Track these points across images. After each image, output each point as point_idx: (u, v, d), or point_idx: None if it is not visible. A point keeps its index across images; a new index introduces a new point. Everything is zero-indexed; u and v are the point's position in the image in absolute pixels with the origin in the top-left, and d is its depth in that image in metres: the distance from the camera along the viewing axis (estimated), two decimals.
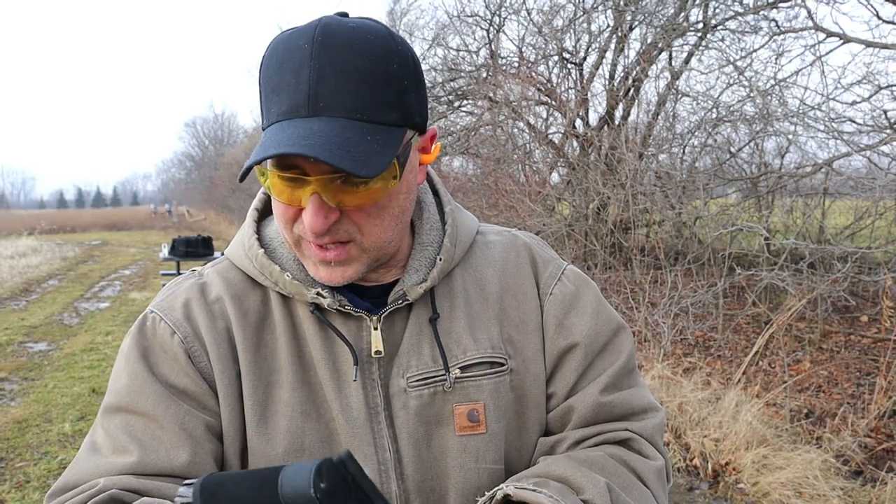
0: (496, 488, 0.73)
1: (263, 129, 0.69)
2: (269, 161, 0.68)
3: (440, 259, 0.80)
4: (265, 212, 0.86)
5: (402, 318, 0.80)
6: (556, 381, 0.84)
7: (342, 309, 0.77)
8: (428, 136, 0.75)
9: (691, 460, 3.72)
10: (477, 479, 0.78)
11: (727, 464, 3.59)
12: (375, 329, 0.78)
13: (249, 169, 0.63)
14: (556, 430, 0.85)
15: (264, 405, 0.77)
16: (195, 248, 8.31)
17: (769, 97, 6.02)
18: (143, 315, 0.81)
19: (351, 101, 0.65)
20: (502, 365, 0.80)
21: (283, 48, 0.67)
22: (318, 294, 0.76)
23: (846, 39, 5.43)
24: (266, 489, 0.48)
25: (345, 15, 0.70)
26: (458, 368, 0.79)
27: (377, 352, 0.78)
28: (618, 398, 0.83)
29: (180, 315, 0.78)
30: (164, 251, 8.69)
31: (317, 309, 0.78)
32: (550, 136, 8.53)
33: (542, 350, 0.84)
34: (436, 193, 0.87)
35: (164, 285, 0.88)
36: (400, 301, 0.78)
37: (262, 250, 0.79)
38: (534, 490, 0.69)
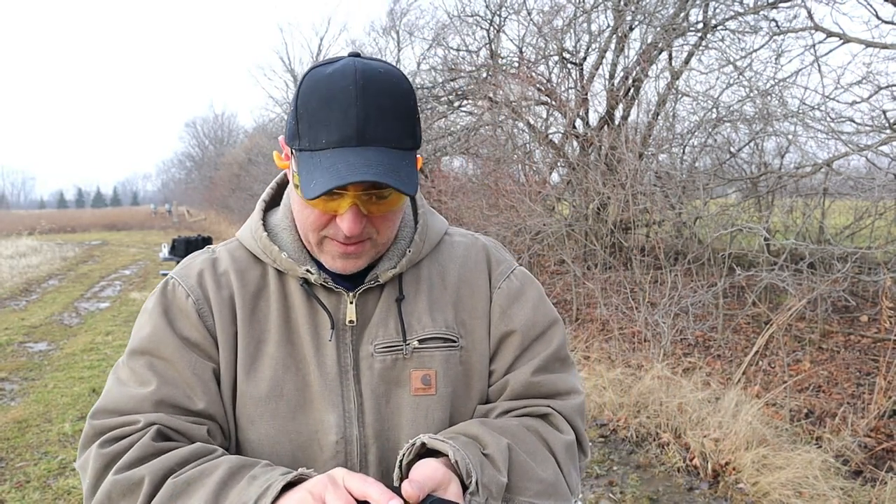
0: (415, 438, 0.87)
1: (302, 150, 0.83)
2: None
3: (409, 251, 0.97)
4: (271, 203, 1.04)
5: (374, 296, 0.97)
6: (497, 360, 1.01)
7: (325, 284, 0.94)
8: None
9: (691, 460, 3.72)
10: (425, 432, 0.92)
11: (727, 464, 3.59)
12: (351, 303, 0.95)
13: (325, 192, 0.78)
14: (493, 401, 1.01)
15: (254, 357, 0.93)
16: (195, 249, 8.28)
17: (769, 97, 6.01)
18: (164, 280, 0.98)
19: (388, 133, 0.81)
20: (454, 342, 0.97)
21: (326, 86, 0.81)
22: (307, 271, 0.93)
23: (846, 39, 5.43)
24: None
25: (357, 55, 0.86)
26: (417, 340, 0.95)
27: (351, 321, 0.94)
28: (546, 379, 0.99)
29: (194, 282, 0.96)
30: (164, 251, 8.69)
31: (305, 283, 0.95)
32: (550, 136, 8.53)
33: (489, 333, 1.00)
34: (412, 198, 1.03)
35: None
36: (373, 282, 0.95)
37: (266, 234, 0.97)
38: (443, 441, 0.84)
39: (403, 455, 0.85)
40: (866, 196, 6.08)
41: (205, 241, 8.42)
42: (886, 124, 5.20)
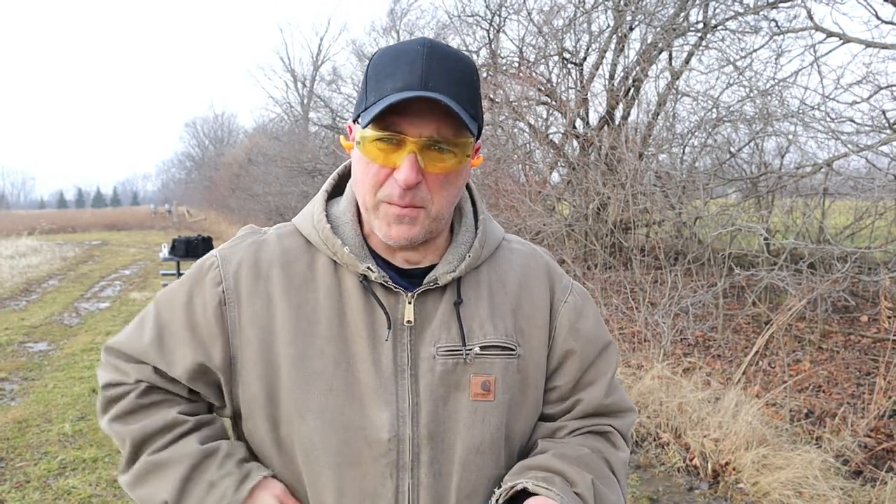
0: (515, 481, 0.92)
1: (368, 108, 0.86)
2: (370, 128, 0.85)
3: (469, 255, 0.98)
4: (333, 194, 1.05)
5: (434, 298, 0.97)
6: (560, 375, 1.03)
7: (385, 283, 0.94)
8: (477, 145, 0.95)
9: (691, 460, 3.72)
10: (480, 436, 0.95)
11: (727, 464, 3.59)
12: (409, 303, 0.95)
13: (377, 115, 0.82)
14: (559, 415, 1.04)
15: (304, 352, 0.94)
16: (195, 249, 8.30)
17: (769, 97, 6.02)
18: (210, 253, 1.01)
19: (450, 89, 0.84)
20: (513, 350, 0.98)
21: (395, 50, 0.87)
22: (368, 268, 0.94)
23: (846, 39, 5.43)
24: None
25: None
26: (479, 347, 0.96)
27: (408, 321, 0.95)
28: (613, 401, 1.04)
29: (231, 271, 0.98)
30: (164, 251, 8.69)
31: (364, 280, 0.95)
32: (550, 136, 8.53)
33: (547, 344, 1.02)
34: (473, 204, 1.06)
35: (164, 286, 1.04)
36: (432, 284, 0.95)
37: (329, 225, 0.97)
38: (547, 489, 0.89)
39: (500, 496, 0.92)
40: (866, 196, 6.08)
41: (205, 242, 8.42)
42: (886, 124, 5.20)
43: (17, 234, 21.32)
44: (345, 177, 1.05)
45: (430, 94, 0.81)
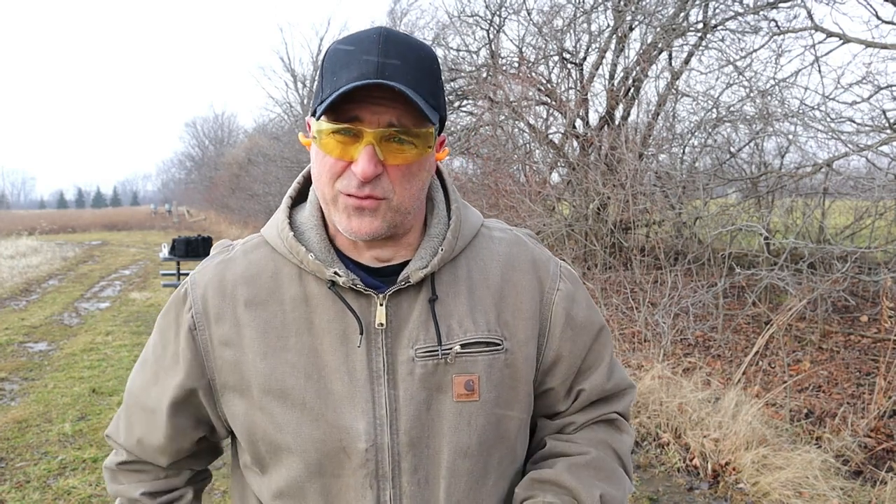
0: (527, 495, 0.93)
1: (324, 101, 0.81)
2: (324, 120, 0.83)
3: (441, 249, 0.93)
4: (297, 200, 1.01)
5: (409, 298, 0.92)
6: (562, 366, 0.99)
7: (354, 286, 0.90)
8: (441, 138, 0.92)
9: (691, 460, 3.72)
10: (468, 439, 0.91)
11: (727, 464, 3.59)
12: (381, 305, 0.90)
13: (332, 105, 0.79)
14: (565, 409, 1.02)
15: (273, 368, 0.90)
16: (195, 249, 8.31)
17: (769, 97, 6.02)
18: (182, 283, 1.00)
19: (408, 77, 0.81)
20: (498, 345, 0.94)
21: (352, 40, 0.83)
22: (335, 273, 0.89)
23: (846, 40, 5.43)
24: None
25: None
26: (459, 345, 0.91)
27: (380, 324, 0.90)
28: (614, 383, 1.03)
29: (199, 294, 0.95)
30: (164, 251, 8.69)
31: (333, 285, 0.90)
32: (550, 136, 8.53)
33: (536, 335, 0.97)
34: (446, 192, 1.01)
35: (164, 286, 1.05)
36: (403, 283, 0.91)
37: (292, 233, 0.93)
38: None
39: None
40: (866, 196, 6.09)
41: (205, 242, 8.42)
42: (886, 124, 5.21)
43: (17, 234, 21.33)
44: (309, 180, 1.01)
45: (387, 82, 0.77)
